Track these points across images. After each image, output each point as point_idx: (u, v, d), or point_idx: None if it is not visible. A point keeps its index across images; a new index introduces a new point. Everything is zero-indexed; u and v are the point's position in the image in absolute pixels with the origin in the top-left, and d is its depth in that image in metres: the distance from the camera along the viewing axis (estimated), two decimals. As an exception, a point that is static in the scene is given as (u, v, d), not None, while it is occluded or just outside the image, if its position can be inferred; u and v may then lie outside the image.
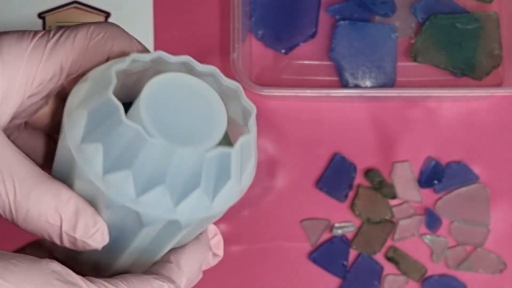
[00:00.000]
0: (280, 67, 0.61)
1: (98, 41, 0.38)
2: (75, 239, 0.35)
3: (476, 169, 0.61)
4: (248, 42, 0.61)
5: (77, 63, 0.37)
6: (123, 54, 0.37)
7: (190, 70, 0.36)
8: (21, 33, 0.37)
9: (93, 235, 0.35)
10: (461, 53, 0.61)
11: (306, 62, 0.62)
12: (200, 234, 0.40)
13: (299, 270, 0.60)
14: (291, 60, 0.62)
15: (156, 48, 0.61)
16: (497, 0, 0.62)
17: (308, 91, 0.58)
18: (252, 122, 0.35)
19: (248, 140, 0.35)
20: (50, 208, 0.35)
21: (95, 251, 0.36)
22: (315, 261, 0.60)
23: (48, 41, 0.37)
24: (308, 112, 0.61)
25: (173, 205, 0.34)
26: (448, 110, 0.62)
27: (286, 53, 0.61)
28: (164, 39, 0.62)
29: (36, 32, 0.37)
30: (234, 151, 0.34)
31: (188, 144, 0.33)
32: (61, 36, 0.37)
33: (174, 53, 0.36)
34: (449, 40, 0.61)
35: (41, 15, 0.62)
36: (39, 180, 0.35)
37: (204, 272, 0.49)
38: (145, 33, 0.62)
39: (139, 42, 0.39)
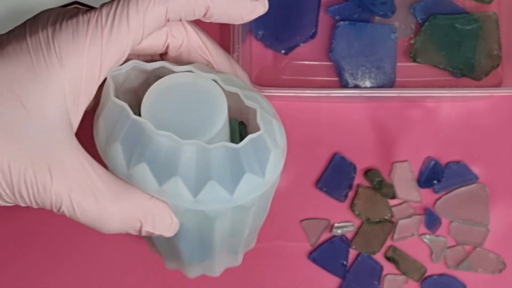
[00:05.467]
0: (280, 67, 0.62)
1: (151, 10, 0.37)
2: (153, 233, 0.39)
3: (476, 169, 0.61)
4: (248, 43, 0.61)
5: (138, 39, 0.37)
6: (180, 12, 0.38)
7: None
8: (75, 27, 0.36)
9: (169, 229, 0.39)
10: (460, 54, 0.61)
11: (306, 62, 0.62)
12: None
13: (299, 270, 0.60)
14: (291, 60, 0.62)
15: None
16: (496, 0, 0.62)
17: (308, 91, 0.58)
18: (260, 119, 0.38)
19: (257, 137, 0.38)
20: (131, 216, 0.38)
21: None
22: (314, 261, 0.60)
23: (102, 29, 0.36)
24: (308, 112, 0.61)
25: (191, 195, 0.37)
26: (448, 110, 0.62)
27: (286, 54, 0.61)
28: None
29: (89, 22, 0.36)
30: (241, 147, 0.37)
31: (190, 137, 0.36)
32: (113, 19, 0.36)
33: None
34: (449, 41, 0.61)
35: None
36: (116, 190, 0.37)
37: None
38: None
39: None
